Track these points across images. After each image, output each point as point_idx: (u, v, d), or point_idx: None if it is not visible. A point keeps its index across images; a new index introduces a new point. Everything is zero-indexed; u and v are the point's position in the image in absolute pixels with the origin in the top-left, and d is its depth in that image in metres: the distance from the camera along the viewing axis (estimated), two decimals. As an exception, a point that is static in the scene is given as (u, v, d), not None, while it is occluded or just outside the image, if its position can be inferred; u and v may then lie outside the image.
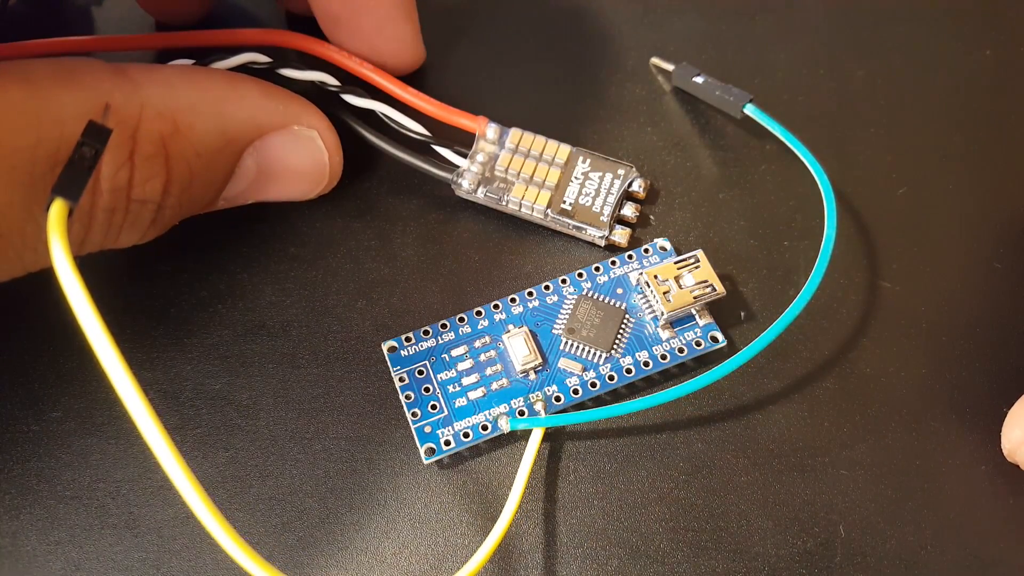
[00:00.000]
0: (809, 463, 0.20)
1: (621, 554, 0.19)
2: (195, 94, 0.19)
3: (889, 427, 0.20)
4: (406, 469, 0.20)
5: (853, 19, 0.27)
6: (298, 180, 0.21)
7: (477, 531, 0.19)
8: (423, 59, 0.24)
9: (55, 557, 0.19)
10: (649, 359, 0.21)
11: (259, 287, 0.22)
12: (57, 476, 0.20)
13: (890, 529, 0.19)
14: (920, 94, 0.25)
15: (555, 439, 0.20)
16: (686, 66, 0.24)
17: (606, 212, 0.22)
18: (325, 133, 0.21)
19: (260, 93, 0.20)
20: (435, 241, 0.23)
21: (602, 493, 0.20)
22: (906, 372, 0.21)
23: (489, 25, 0.27)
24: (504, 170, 0.23)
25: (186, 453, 0.20)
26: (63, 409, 0.20)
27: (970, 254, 0.23)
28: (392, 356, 0.21)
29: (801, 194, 0.23)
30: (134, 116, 0.17)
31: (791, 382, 0.21)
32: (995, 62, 0.26)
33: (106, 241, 0.18)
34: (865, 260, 0.23)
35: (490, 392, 0.20)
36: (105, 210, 0.17)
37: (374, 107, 0.23)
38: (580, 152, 0.23)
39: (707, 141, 0.24)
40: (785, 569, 0.19)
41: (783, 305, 0.20)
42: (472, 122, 0.23)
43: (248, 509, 0.19)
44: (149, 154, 0.18)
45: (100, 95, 0.17)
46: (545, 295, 0.22)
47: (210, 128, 0.19)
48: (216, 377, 0.21)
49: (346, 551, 0.19)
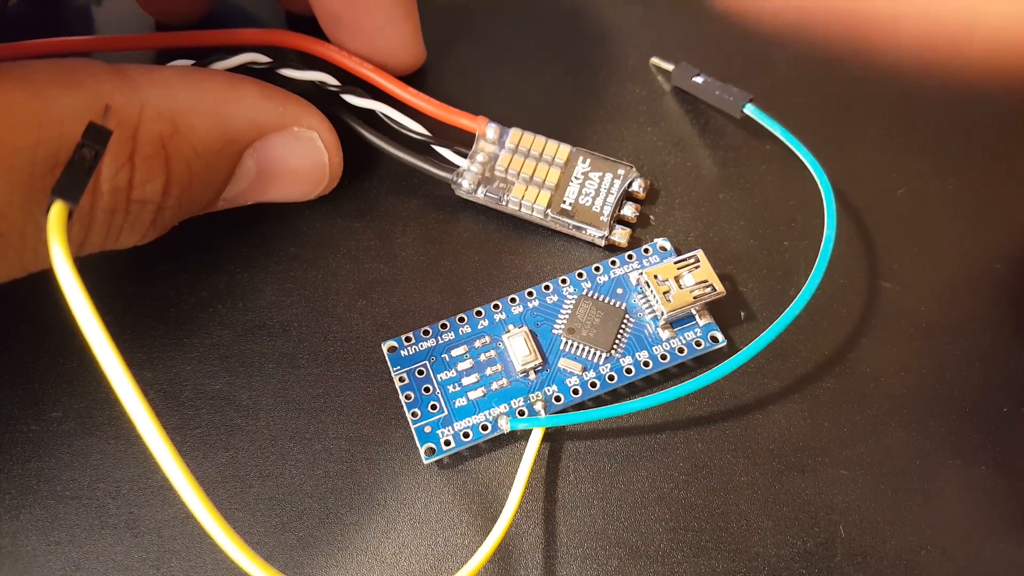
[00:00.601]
0: (809, 463, 0.20)
1: (621, 554, 0.19)
2: (195, 95, 0.19)
3: (889, 427, 0.20)
4: (406, 469, 0.20)
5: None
6: (298, 181, 0.21)
7: (477, 531, 0.19)
8: (424, 59, 0.24)
9: (55, 557, 0.19)
10: (649, 359, 0.21)
11: (259, 287, 0.22)
12: (57, 476, 0.20)
13: (890, 529, 0.19)
14: (920, 94, 0.25)
15: (555, 439, 0.20)
16: (686, 66, 0.24)
17: (606, 212, 0.22)
18: (325, 134, 0.21)
19: (260, 94, 0.20)
20: (435, 241, 0.23)
21: (602, 493, 0.20)
22: (906, 372, 0.21)
23: (489, 25, 0.27)
24: (504, 170, 0.23)
25: (186, 453, 0.20)
26: (63, 409, 0.20)
27: (970, 254, 0.23)
28: (392, 356, 0.21)
29: (801, 194, 0.23)
30: (134, 117, 0.17)
31: (791, 382, 0.21)
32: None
33: (106, 242, 0.18)
34: (865, 260, 0.23)
35: (490, 392, 0.20)
36: (105, 211, 0.17)
37: (374, 107, 0.23)
38: (580, 152, 0.23)
39: (707, 141, 0.24)
40: (785, 569, 0.19)
41: (783, 305, 0.20)
42: (472, 122, 0.23)
43: (248, 509, 0.19)
44: (149, 155, 0.18)
45: (100, 96, 0.17)
46: (545, 295, 0.22)
47: (210, 129, 0.19)
48: (216, 377, 0.21)
49: (346, 551, 0.19)
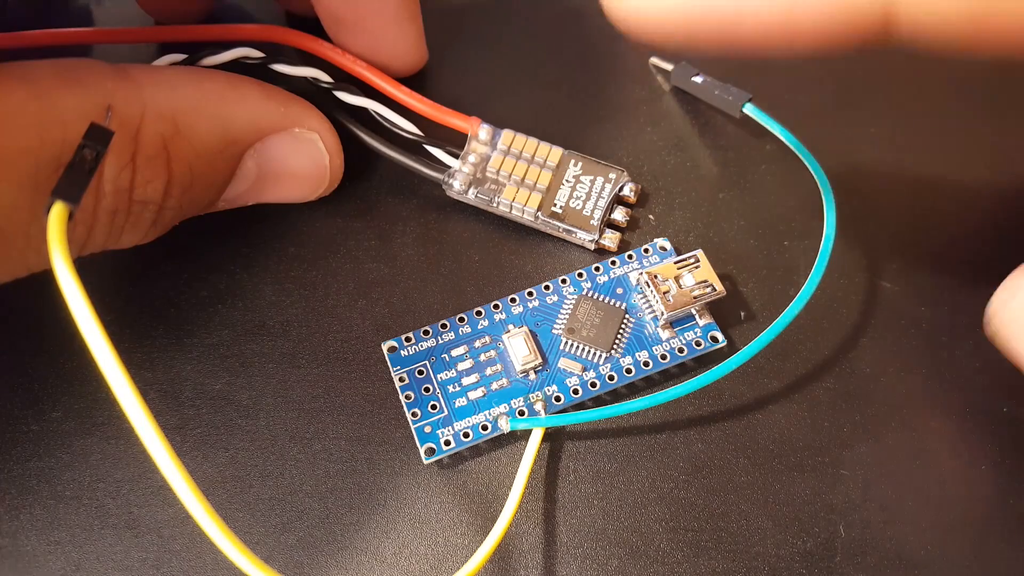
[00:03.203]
0: (809, 463, 0.20)
1: (621, 554, 0.19)
2: (197, 96, 0.19)
3: (889, 427, 0.20)
4: (406, 469, 0.20)
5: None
6: (298, 182, 0.21)
7: (477, 531, 0.19)
8: (425, 61, 0.24)
9: (55, 557, 0.19)
10: (649, 359, 0.21)
11: (259, 287, 0.22)
12: (57, 476, 0.20)
13: (890, 529, 0.19)
14: (920, 94, 0.25)
15: (555, 439, 0.20)
16: (685, 65, 0.24)
17: (596, 216, 0.22)
18: (326, 136, 0.21)
19: (261, 95, 0.20)
20: (435, 241, 0.23)
21: (602, 493, 0.20)
22: (906, 372, 0.21)
23: (488, 25, 0.27)
24: (495, 171, 0.23)
25: (186, 453, 0.20)
26: (63, 409, 0.20)
27: (970, 254, 0.23)
28: (392, 356, 0.21)
29: (801, 194, 0.23)
30: (136, 117, 0.17)
31: (791, 382, 0.21)
32: (995, 61, 0.26)
33: (108, 242, 0.18)
34: (865, 260, 0.23)
35: (490, 392, 0.20)
36: (107, 211, 0.17)
37: (367, 105, 0.23)
38: (572, 155, 0.23)
39: (707, 141, 0.24)
40: (785, 569, 0.19)
41: (783, 305, 0.20)
42: (465, 123, 0.23)
43: (248, 509, 0.19)
44: (151, 156, 0.18)
45: (102, 96, 0.17)
46: (545, 295, 0.22)
47: (211, 129, 0.19)
48: (216, 377, 0.21)
49: (346, 551, 0.19)
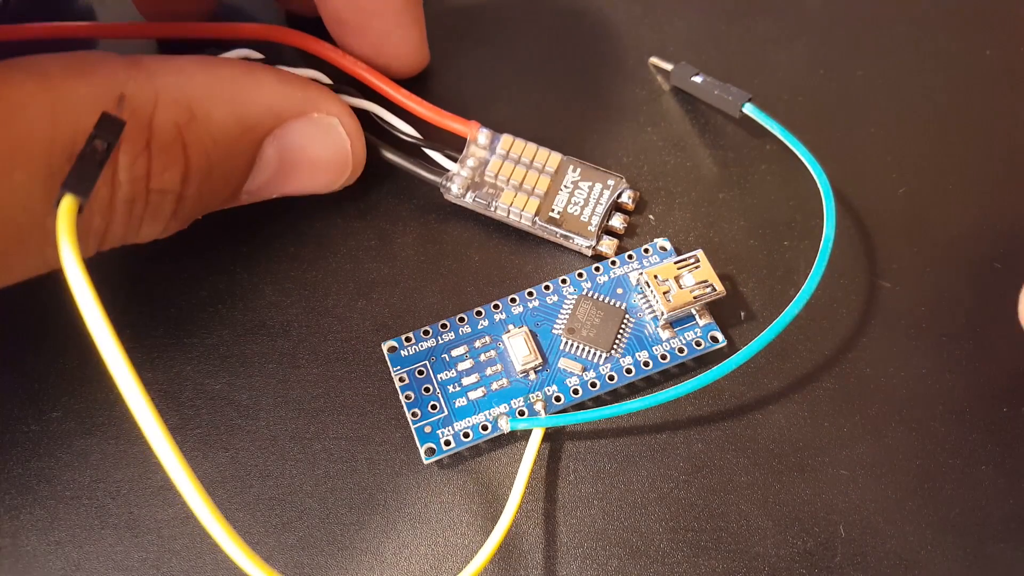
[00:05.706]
0: (809, 463, 0.20)
1: (621, 554, 0.19)
2: (210, 81, 0.18)
3: (889, 427, 0.20)
4: (406, 469, 0.20)
5: (853, 19, 0.27)
6: (321, 170, 0.21)
7: (477, 531, 0.19)
8: (427, 63, 0.24)
9: (55, 557, 0.19)
10: (649, 359, 0.21)
11: (259, 287, 0.22)
12: (57, 476, 0.20)
13: (890, 529, 0.19)
14: (920, 94, 0.25)
15: (555, 439, 0.20)
16: (685, 65, 0.24)
17: (594, 222, 0.22)
18: (346, 120, 0.21)
19: (277, 80, 0.20)
20: (435, 241, 0.23)
21: (602, 493, 0.20)
22: (906, 372, 0.21)
23: (488, 25, 0.27)
24: (494, 176, 0.22)
25: (186, 453, 0.20)
26: (63, 409, 0.20)
27: (970, 254, 0.23)
28: (392, 356, 0.21)
29: (801, 194, 0.23)
30: (149, 104, 0.17)
31: (791, 382, 0.21)
32: (995, 62, 0.26)
33: (128, 234, 0.18)
34: (865, 260, 0.23)
35: (490, 392, 0.20)
36: (125, 201, 0.17)
37: (366, 107, 0.23)
38: (570, 161, 0.23)
39: (706, 141, 0.24)
40: (785, 569, 0.19)
41: (783, 305, 0.20)
42: (464, 126, 0.23)
43: (248, 509, 0.19)
44: (166, 143, 0.17)
45: (114, 86, 0.17)
46: (545, 295, 0.22)
47: (227, 115, 0.19)
48: (216, 377, 0.21)
49: (346, 551, 0.19)
